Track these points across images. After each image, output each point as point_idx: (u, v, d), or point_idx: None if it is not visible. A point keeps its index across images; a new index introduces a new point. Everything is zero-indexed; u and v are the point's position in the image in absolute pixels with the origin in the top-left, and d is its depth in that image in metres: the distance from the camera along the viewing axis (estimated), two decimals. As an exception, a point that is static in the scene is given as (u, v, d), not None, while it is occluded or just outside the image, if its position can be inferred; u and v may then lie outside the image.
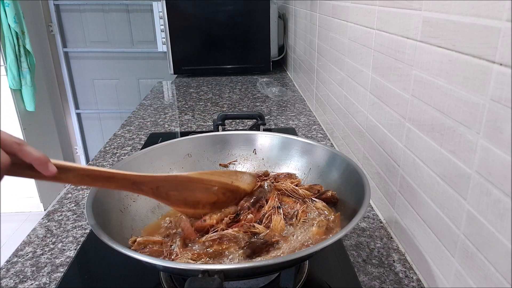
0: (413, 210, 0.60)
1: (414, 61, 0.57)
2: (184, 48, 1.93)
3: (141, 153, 0.70)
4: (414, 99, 0.58)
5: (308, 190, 0.65)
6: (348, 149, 0.95)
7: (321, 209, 0.60)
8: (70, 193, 0.88)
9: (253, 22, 1.90)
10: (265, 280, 0.55)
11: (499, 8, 0.37)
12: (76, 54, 2.89)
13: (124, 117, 2.60)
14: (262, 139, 0.77)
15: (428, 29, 0.52)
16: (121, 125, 1.32)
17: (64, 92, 2.98)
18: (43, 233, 0.73)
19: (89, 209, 0.52)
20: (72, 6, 2.75)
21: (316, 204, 0.61)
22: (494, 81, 0.38)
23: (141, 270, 0.61)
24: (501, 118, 0.38)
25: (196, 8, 1.86)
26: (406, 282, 0.59)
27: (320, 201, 0.62)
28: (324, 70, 1.19)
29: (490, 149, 0.39)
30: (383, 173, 0.72)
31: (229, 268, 0.44)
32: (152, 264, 0.45)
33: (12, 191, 2.55)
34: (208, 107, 1.49)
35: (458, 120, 0.45)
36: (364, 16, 0.78)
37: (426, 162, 0.55)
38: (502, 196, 0.38)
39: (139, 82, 2.99)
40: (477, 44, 0.41)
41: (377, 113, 0.73)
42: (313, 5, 1.32)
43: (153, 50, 2.82)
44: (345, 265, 0.62)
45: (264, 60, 1.97)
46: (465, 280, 0.45)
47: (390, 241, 0.68)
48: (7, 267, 0.64)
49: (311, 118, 1.33)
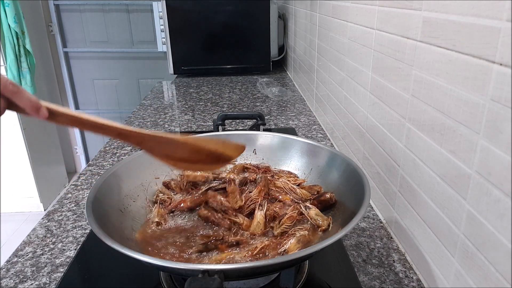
0: (413, 210, 0.60)
1: (414, 61, 0.57)
2: (184, 48, 1.93)
3: (141, 153, 0.70)
4: (414, 99, 0.58)
5: (307, 191, 0.65)
6: (348, 149, 0.95)
7: (313, 219, 0.58)
8: (70, 193, 0.88)
9: (253, 22, 1.90)
10: (265, 280, 0.55)
11: (499, 8, 0.37)
12: (76, 54, 2.89)
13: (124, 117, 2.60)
14: (262, 139, 0.77)
15: (428, 29, 0.52)
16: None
17: (64, 92, 2.98)
18: (43, 233, 0.73)
19: (89, 209, 0.52)
20: (72, 6, 2.75)
21: (309, 212, 0.59)
22: (494, 81, 0.38)
23: (141, 270, 0.61)
24: (501, 118, 0.38)
25: (196, 8, 1.86)
26: (406, 282, 0.59)
27: (314, 208, 0.60)
28: (324, 70, 1.19)
29: (490, 149, 0.39)
30: (383, 173, 0.72)
31: (229, 268, 0.44)
32: (152, 264, 0.45)
33: (12, 191, 2.55)
34: (208, 107, 1.49)
35: (458, 120, 0.45)
36: (364, 16, 0.78)
37: (426, 162, 0.55)
38: (502, 196, 0.38)
39: (139, 82, 2.99)
40: (477, 44, 0.41)
41: (377, 113, 0.73)
42: (313, 5, 1.32)
43: (153, 50, 2.82)
44: (345, 265, 0.62)
45: (264, 60, 1.97)
46: (465, 280, 0.45)
47: (390, 241, 0.68)
48: (7, 267, 0.64)
49: (311, 118, 1.33)
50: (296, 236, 0.54)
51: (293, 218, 0.57)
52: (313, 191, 0.65)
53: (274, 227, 0.57)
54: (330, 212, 0.62)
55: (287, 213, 0.58)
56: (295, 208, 0.60)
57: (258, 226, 0.57)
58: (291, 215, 0.58)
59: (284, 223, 0.56)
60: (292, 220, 0.57)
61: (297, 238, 0.54)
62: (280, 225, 0.56)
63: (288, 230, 0.56)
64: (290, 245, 0.53)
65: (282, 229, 0.56)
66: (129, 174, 0.65)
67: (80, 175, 0.96)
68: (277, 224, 0.57)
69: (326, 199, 0.62)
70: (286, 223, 0.56)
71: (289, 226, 0.56)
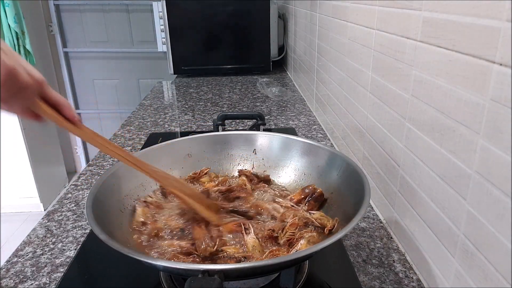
0: (413, 210, 0.60)
1: (414, 61, 0.57)
2: (184, 48, 1.93)
3: (141, 153, 0.70)
4: (414, 99, 0.58)
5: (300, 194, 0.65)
6: (348, 149, 0.95)
7: (318, 219, 0.58)
8: (70, 193, 0.88)
9: (253, 22, 1.90)
10: (265, 280, 0.55)
11: (499, 8, 0.37)
12: (76, 54, 2.89)
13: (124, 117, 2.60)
14: (262, 139, 0.77)
15: (428, 29, 0.52)
16: (121, 125, 1.32)
17: (64, 92, 2.98)
18: (43, 233, 0.73)
19: (89, 209, 0.52)
20: (72, 6, 2.75)
21: (313, 216, 0.59)
22: (494, 81, 0.38)
23: (141, 270, 0.61)
24: (501, 118, 0.38)
25: (196, 8, 1.86)
26: (406, 282, 0.59)
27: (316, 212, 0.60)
28: (324, 70, 1.19)
29: (490, 149, 0.39)
30: (383, 173, 0.72)
31: (229, 268, 0.44)
32: (152, 264, 0.45)
33: (12, 191, 2.55)
34: (208, 107, 1.49)
35: (458, 120, 0.45)
36: (364, 16, 0.78)
37: (426, 162, 0.55)
38: (502, 196, 0.38)
39: (139, 82, 2.99)
40: (477, 44, 0.41)
41: (377, 113, 0.73)
42: (313, 5, 1.32)
43: (153, 50, 2.82)
44: (345, 265, 0.62)
45: (264, 60, 1.97)
46: (465, 280, 0.45)
47: (390, 241, 0.68)
48: (7, 267, 0.64)
49: (311, 118, 1.33)
50: (306, 238, 0.54)
51: (296, 224, 0.57)
52: (305, 194, 0.65)
53: (279, 237, 0.56)
54: (329, 212, 0.62)
55: (288, 221, 0.58)
56: (295, 215, 0.59)
57: (255, 249, 0.54)
58: (293, 222, 0.57)
59: (288, 231, 0.56)
60: (295, 227, 0.57)
61: (307, 239, 0.54)
62: (285, 233, 0.56)
63: (293, 236, 0.55)
64: (301, 246, 0.53)
65: (288, 237, 0.55)
66: (129, 174, 0.65)
67: (80, 175, 0.96)
68: (281, 233, 0.56)
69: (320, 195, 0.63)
70: (290, 230, 0.56)
71: (294, 232, 0.56)
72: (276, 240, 0.56)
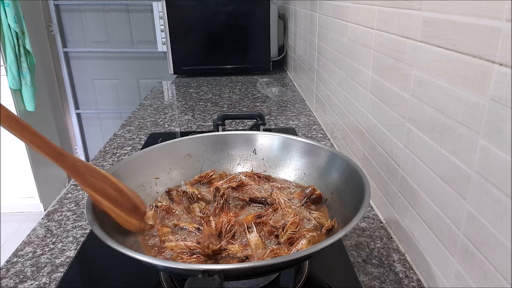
0: (413, 210, 0.60)
1: (414, 61, 0.57)
2: (184, 48, 1.93)
3: (141, 153, 0.70)
4: (414, 99, 0.58)
5: (300, 194, 0.65)
6: (348, 149, 0.95)
7: (317, 218, 0.59)
8: (70, 193, 0.88)
9: (253, 22, 1.90)
10: (265, 280, 0.55)
11: (499, 8, 0.37)
12: (76, 54, 2.90)
13: (124, 117, 2.60)
14: (262, 139, 0.77)
15: (428, 29, 0.52)
16: (121, 125, 1.32)
17: (64, 92, 2.99)
18: (43, 233, 0.73)
19: (89, 209, 0.52)
20: (72, 6, 2.75)
21: (312, 215, 0.59)
22: (494, 81, 0.38)
23: (141, 270, 0.61)
24: (501, 118, 0.38)
25: (196, 8, 1.86)
26: (406, 282, 0.59)
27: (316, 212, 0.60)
28: (324, 70, 1.19)
29: (490, 149, 0.39)
30: (383, 173, 0.72)
31: (229, 268, 0.44)
32: (152, 264, 0.45)
33: (12, 191, 2.55)
34: (208, 107, 1.49)
35: (458, 120, 0.45)
36: (364, 16, 0.78)
37: (426, 162, 0.55)
38: (502, 196, 0.38)
39: (139, 82, 2.99)
40: (477, 44, 0.41)
41: (377, 113, 0.73)
42: (313, 5, 1.32)
43: (153, 50, 2.82)
44: (345, 265, 0.62)
45: (264, 60, 1.97)
46: (465, 280, 0.45)
47: (390, 241, 0.68)
48: (7, 267, 0.64)
49: (311, 118, 1.33)
50: (307, 237, 0.54)
51: (296, 223, 0.57)
52: (304, 195, 0.65)
53: (280, 235, 0.56)
54: (329, 212, 0.62)
55: (288, 220, 0.58)
56: (295, 214, 0.59)
57: (258, 247, 0.55)
58: (293, 220, 0.57)
59: (288, 229, 0.56)
60: (295, 225, 0.57)
61: (308, 239, 0.54)
62: (285, 232, 0.56)
63: (294, 234, 0.55)
64: (302, 245, 0.53)
65: (288, 235, 0.55)
66: (129, 174, 0.65)
67: (80, 175, 0.96)
68: (282, 231, 0.56)
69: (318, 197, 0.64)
70: (291, 228, 0.56)
71: (294, 231, 0.56)
72: (277, 237, 0.56)
